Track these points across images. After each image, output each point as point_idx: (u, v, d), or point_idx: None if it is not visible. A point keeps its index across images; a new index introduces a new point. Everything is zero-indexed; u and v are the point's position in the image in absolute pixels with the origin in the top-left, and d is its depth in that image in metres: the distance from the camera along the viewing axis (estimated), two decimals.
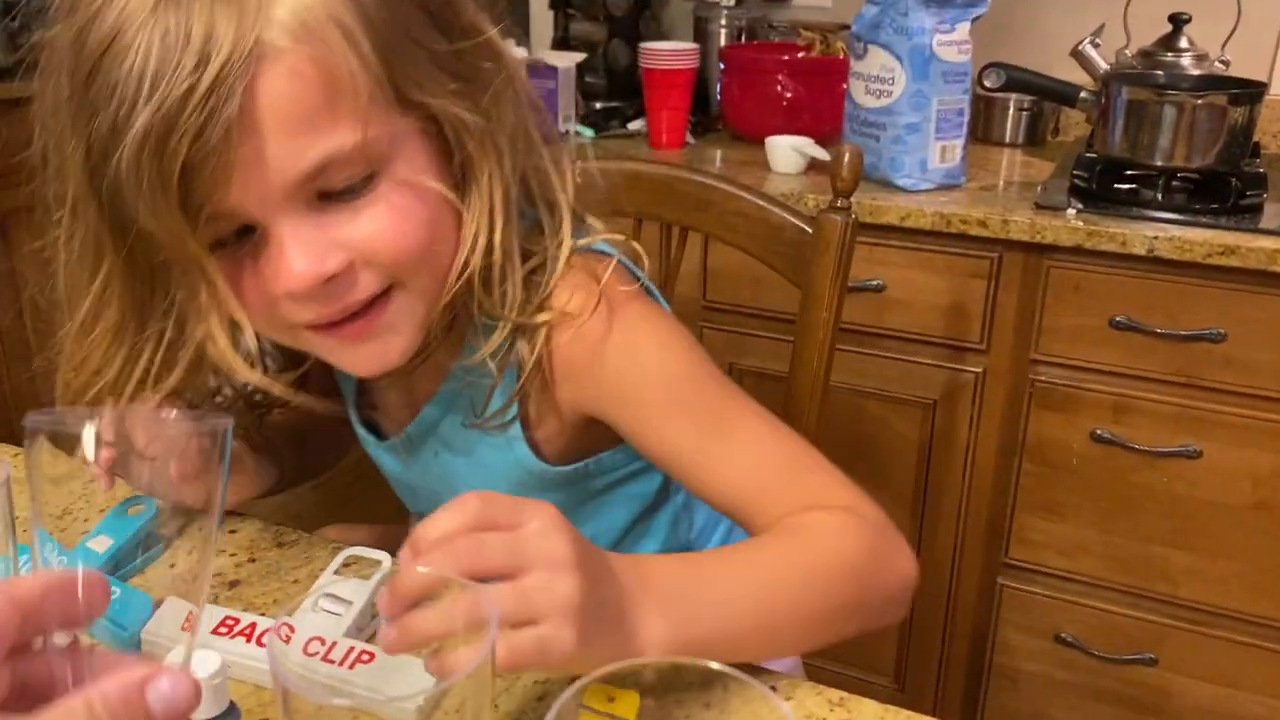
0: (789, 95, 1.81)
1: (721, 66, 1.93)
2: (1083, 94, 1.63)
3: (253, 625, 0.63)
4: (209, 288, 0.62)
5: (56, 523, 0.80)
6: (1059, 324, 1.51)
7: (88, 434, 0.46)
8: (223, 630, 0.64)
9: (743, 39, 2.05)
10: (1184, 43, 1.71)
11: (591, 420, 0.75)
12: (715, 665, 0.45)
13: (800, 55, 1.91)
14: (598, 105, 2.02)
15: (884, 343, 1.62)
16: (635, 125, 1.99)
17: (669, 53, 1.85)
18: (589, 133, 1.97)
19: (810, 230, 1.01)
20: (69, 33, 0.57)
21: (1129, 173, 1.56)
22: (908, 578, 0.68)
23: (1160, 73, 1.67)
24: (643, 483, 0.85)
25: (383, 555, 0.69)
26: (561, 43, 2.17)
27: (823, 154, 1.63)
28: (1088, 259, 1.47)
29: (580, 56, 1.96)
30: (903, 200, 1.55)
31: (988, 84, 1.65)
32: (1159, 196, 1.50)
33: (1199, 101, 1.49)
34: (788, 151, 1.68)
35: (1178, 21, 1.71)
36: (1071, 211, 1.48)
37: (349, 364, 0.68)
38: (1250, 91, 1.50)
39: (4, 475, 0.49)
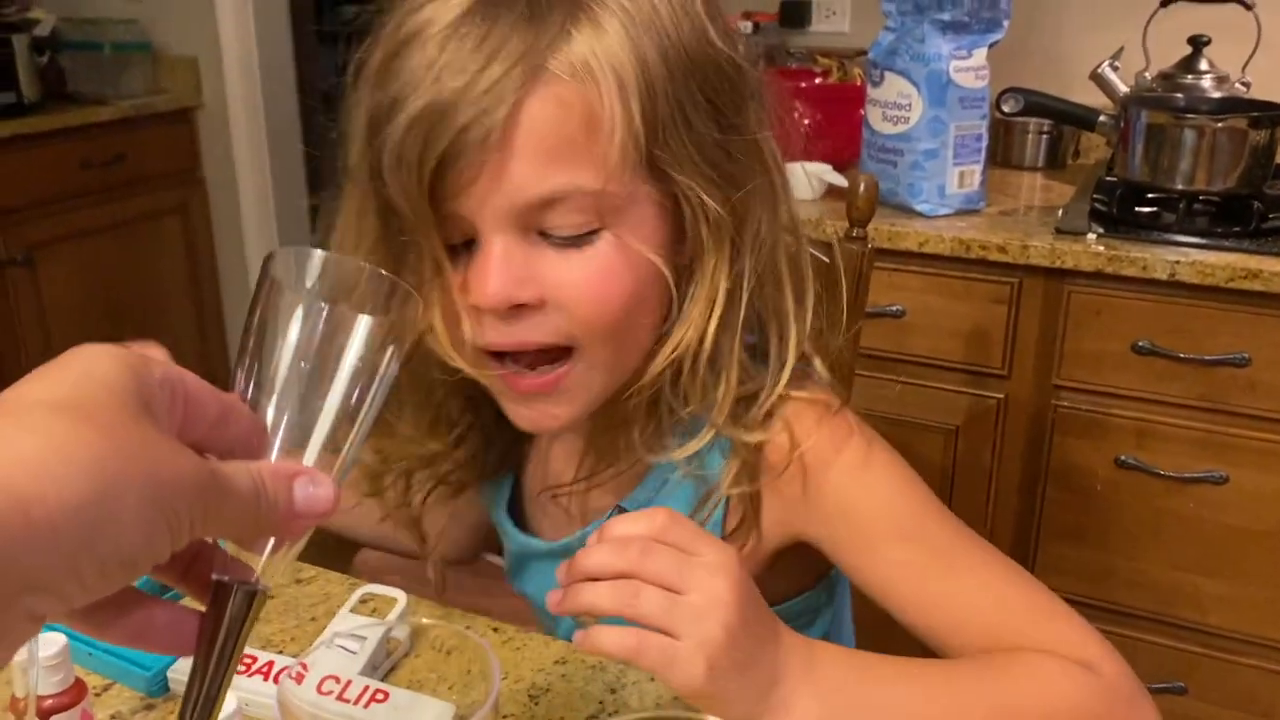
0: (806, 121, 1.81)
1: None
2: (1101, 118, 1.63)
3: (270, 664, 0.63)
4: (437, 280, 0.62)
5: None
6: (1081, 349, 1.50)
7: None
8: (239, 669, 0.64)
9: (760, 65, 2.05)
10: (1204, 65, 1.70)
11: (784, 555, 0.72)
12: None
13: (817, 81, 1.91)
14: None
15: (904, 369, 1.61)
16: None
17: None
18: None
19: (827, 259, 1.01)
20: (394, 19, 0.62)
21: (1150, 196, 1.55)
22: None
23: (1180, 95, 1.67)
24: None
25: (398, 593, 0.69)
26: None
27: (840, 180, 1.63)
28: (1109, 284, 1.46)
29: None
30: (921, 226, 1.55)
31: (1006, 109, 1.64)
32: (1180, 220, 1.49)
33: (1219, 125, 1.49)
34: (805, 178, 1.68)
35: (1197, 44, 1.70)
36: (1092, 236, 1.48)
37: (514, 415, 0.67)
38: (1272, 114, 1.49)
39: None
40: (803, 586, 0.79)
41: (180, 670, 0.63)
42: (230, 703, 0.51)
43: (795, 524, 0.70)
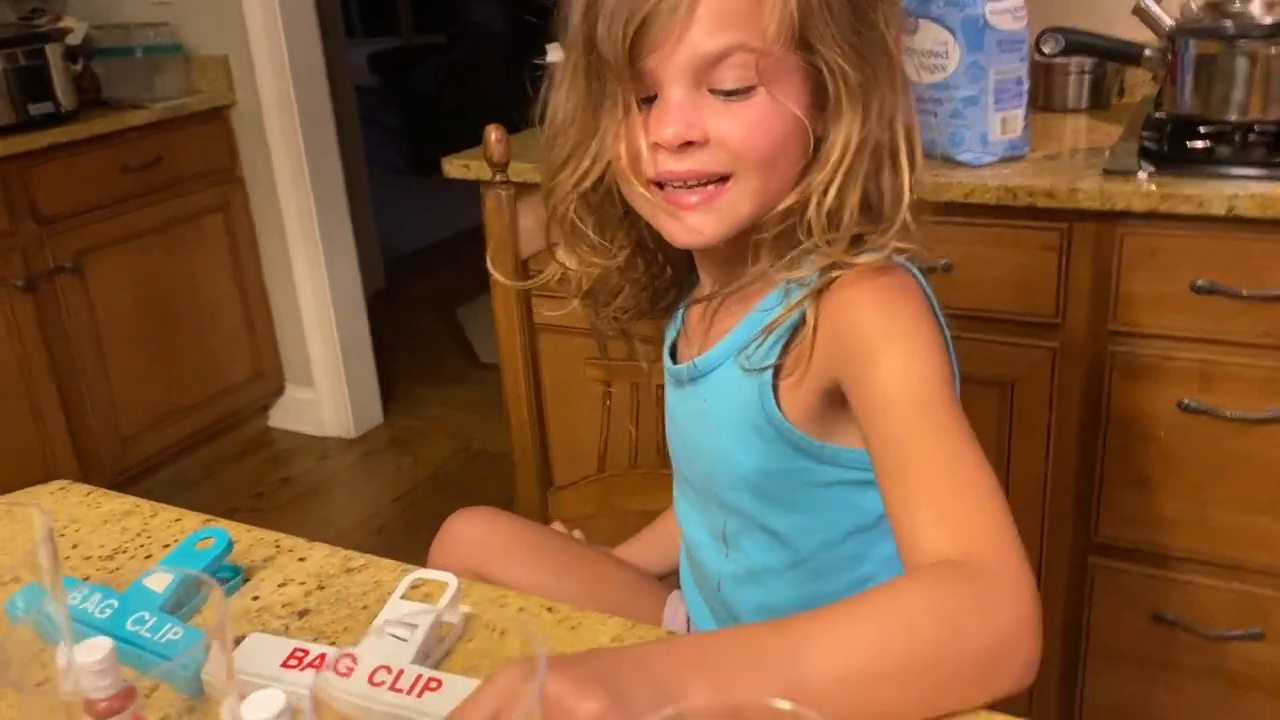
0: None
1: None
2: (1147, 52, 1.57)
3: (321, 656, 0.63)
4: (626, 119, 0.78)
5: (106, 564, 0.81)
6: (1137, 292, 1.45)
7: None
8: (293, 663, 0.63)
9: None
10: None
11: (831, 404, 0.81)
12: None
13: None
14: None
15: (955, 324, 1.56)
16: None
17: None
18: None
19: None
20: None
21: (1202, 130, 1.49)
22: (1003, 635, 0.62)
23: (1229, 22, 1.60)
24: (869, 498, 0.85)
25: (449, 577, 0.69)
26: None
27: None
28: (1163, 223, 1.41)
29: None
30: (965, 176, 1.51)
31: (1046, 50, 1.59)
32: (1236, 153, 1.43)
33: (1273, 50, 1.42)
34: None
35: None
36: (1143, 175, 1.43)
37: (671, 230, 0.81)
38: None
39: (45, 528, 0.49)
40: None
41: (209, 672, 0.62)
42: (278, 700, 0.51)
43: (829, 362, 0.79)
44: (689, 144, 0.76)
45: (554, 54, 1.95)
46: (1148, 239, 1.43)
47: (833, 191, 0.77)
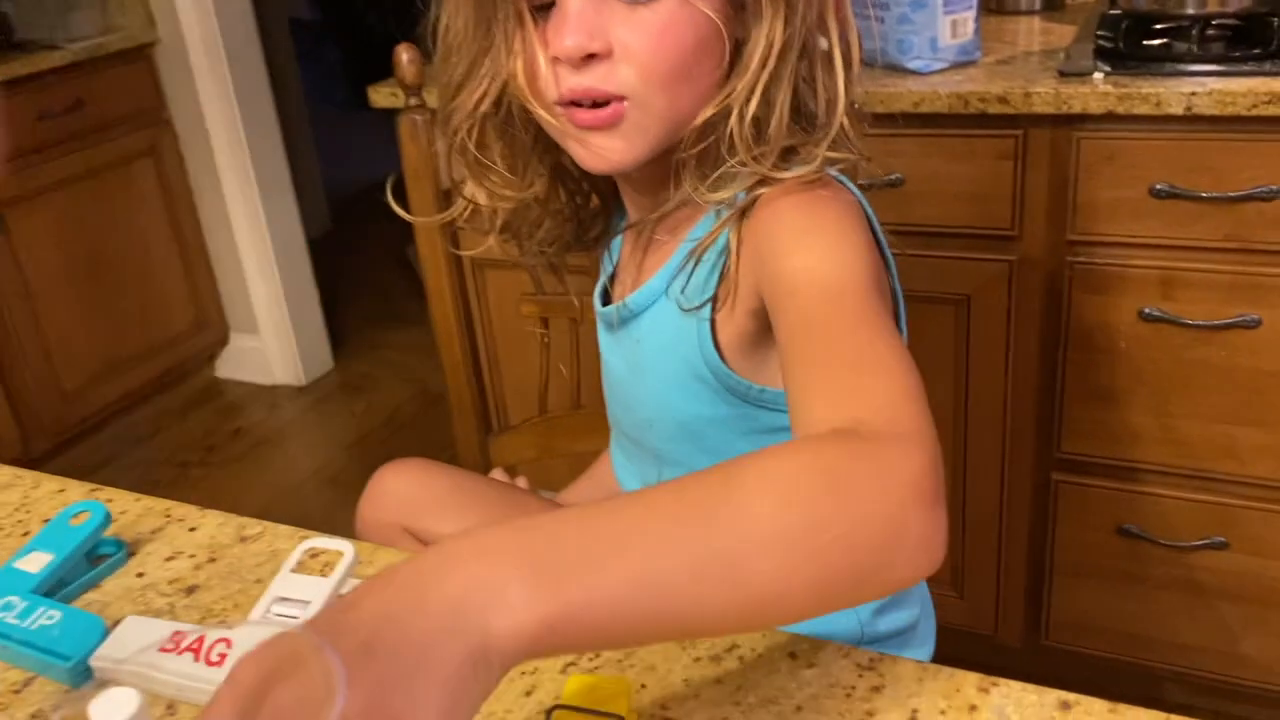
0: None
1: None
2: None
3: (200, 639, 0.57)
4: (521, 33, 0.72)
5: None
6: (1095, 199, 1.40)
7: None
8: (169, 647, 0.57)
9: None
10: None
11: (762, 331, 0.74)
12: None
13: None
14: None
15: (907, 240, 1.49)
16: None
17: None
18: None
19: None
20: None
21: (1158, 27, 1.42)
22: (893, 500, 0.48)
23: None
24: None
25: (345, 544, 0.62)
26: None
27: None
28: (1120, 125, 1.35)
29: None
30: (914, 84, 1.43)
31: None
32: (1194, 49, 1.37)
33: None
34: None
35: None
36: (1099, 76, 1.36)
37: (579, 154, 0.74)
38: None
39: None
40: None
41: (103, 656, 0.56)
42: (132, 701, 0.44)
43: (752, 274, 0.72)
44: (591, 56, 0.69)
45: None
46: (1105, 143, 1.37)
47: (755, 99, 0.70)
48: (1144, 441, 1.50)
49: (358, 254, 3.85)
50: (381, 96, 1.78)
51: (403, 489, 1.01)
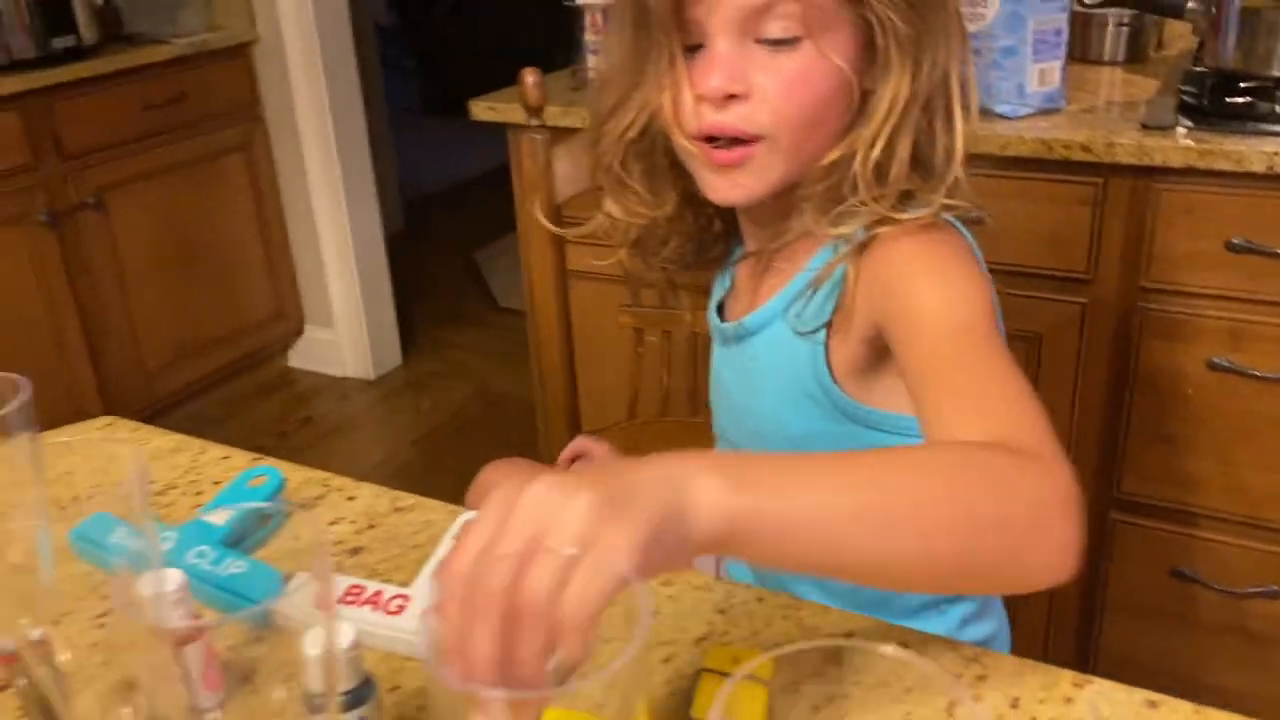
0: None
1: None
2: (1190, 4, 1.55)
3: (377, 593, 0.64)
4: (670, 70, 0.78)
5: (158, 499, 0.82)
6: (1171, 249, 1.45)
7: None
8: (350, 599, 0.64)
9: None
10: None
11: (875, 357, 0.80)
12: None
13: None
14: None
15: None
16: None
17: None
18: None
19: None
20: None
21: (1243, 85, 1.47)
22: (1044, 502, 0.58)
23: None
24: None
25: None
26: None
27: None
28: (1201, 180, 1.40)
29: None
30: (1001, 128, 1.49)
31: (1088, 0, 1.57)
32: (1277, 109, 1.42)
33: None
34: None
35: None
36: (1181, 130, 1.41)
37: (709, 185, 0.81)
38: None
39: (139, 466, 0.50)
40: None
41: (284, 606, 0.63)
42: (349, 633, 0.52)
43: (871, 308, 0.78)
44: (732, 97, 0.76)
45: None
46: (1185, 195, 1.42)
47: (878, 147, 0.76)
48: (1204, 487, 1.54)
49: (427, 255, 3.95)
50: (481, 110, 1.86)
51: None
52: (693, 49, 0.78)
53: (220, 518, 0.71)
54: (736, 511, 0.52)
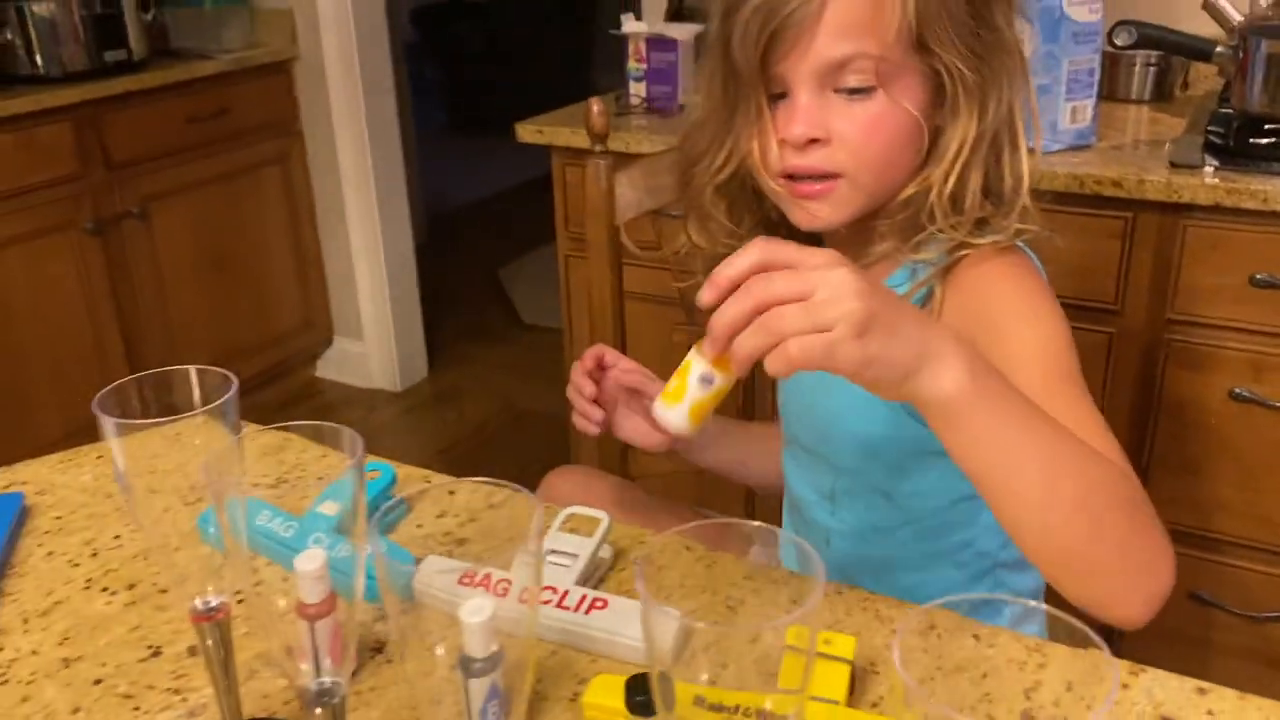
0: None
1: None
2: (1218, 49, 1.61)
3: (487, 576, 0.69)
4: (758, 118, 0.86)
5: (272, 492, 0.87)
6: (1197, 283, 1.51)
7: None
8: (465, 581, 0.70)
9: None
10: None
11: None
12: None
13: None
14: None
15: None
16: None
17: None
18: None
19: None
20: None
21: (1268, 127, 1.53)
22: (1159, 541, 0.69)
23: None
24: None
25: (601, 514, 0.75)
26: (675, 14, 2.20)
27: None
28: (1227, 217, 1.46)
29: (699, 28, 1.99)
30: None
31: (1119, 42, 1.63)
32: None
33: None
34: None
35: None
36: (1209, 169, 1.48)
37: (795, 215, 0.88)
38: None
39: (359, 452, 0.55)
40: None
41: (422, 583, 0.69)
42: (488, 605, 0.57)
43: (963, 331, 0.84)
44: (813, 141, 0.83)
45: (629, 25, 2.00)
46: (1211, 231, 1.48)
47: (951, 182, 0.84)
48: (1225, 513, 1.59)
49: (449, 269, 4.02)
50: (528, 133, 1.93)
51: (570, 491, 1.14)
52: (776, 97, 0.86)
53: (330, 509, 0.76)
54: (968, 392, 0.62)
